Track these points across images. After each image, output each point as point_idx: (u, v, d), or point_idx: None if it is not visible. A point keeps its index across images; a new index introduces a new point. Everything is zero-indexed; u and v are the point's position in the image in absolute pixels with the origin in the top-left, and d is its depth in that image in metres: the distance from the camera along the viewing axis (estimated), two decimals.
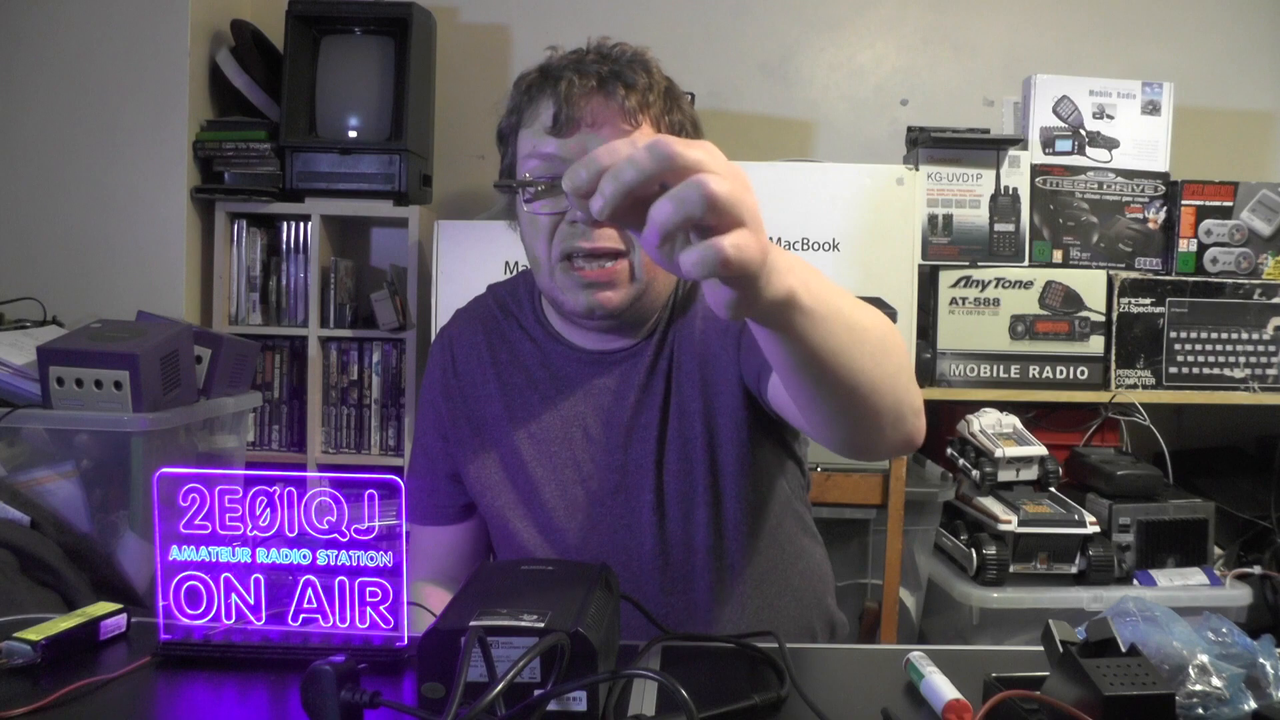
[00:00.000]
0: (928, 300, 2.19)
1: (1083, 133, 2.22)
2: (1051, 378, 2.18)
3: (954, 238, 2.18)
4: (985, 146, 2.18)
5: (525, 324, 1.15)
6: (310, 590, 0.83)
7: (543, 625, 0.70)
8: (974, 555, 1.83)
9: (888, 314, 0.81)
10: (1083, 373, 2.18)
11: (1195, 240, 2.22)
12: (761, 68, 2.61)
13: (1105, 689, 0.66)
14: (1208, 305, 2.18)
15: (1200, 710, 0.71)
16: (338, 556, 0.82)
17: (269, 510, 0.81)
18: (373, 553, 0.82)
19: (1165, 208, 2.24)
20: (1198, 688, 0.72)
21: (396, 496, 0.81)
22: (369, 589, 0.83)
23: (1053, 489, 1.90)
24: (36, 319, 1.98)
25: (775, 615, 1.11)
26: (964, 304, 2.17)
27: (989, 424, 1.93)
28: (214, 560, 0.83)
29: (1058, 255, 2.22)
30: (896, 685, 0.82)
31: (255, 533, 0.82)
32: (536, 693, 0.68)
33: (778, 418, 1.04)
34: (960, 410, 2.02)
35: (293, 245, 2.37)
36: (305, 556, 0.82)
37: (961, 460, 1.94)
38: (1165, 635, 0.75)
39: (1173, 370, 2.19)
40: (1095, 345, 2.18)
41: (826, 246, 2.07)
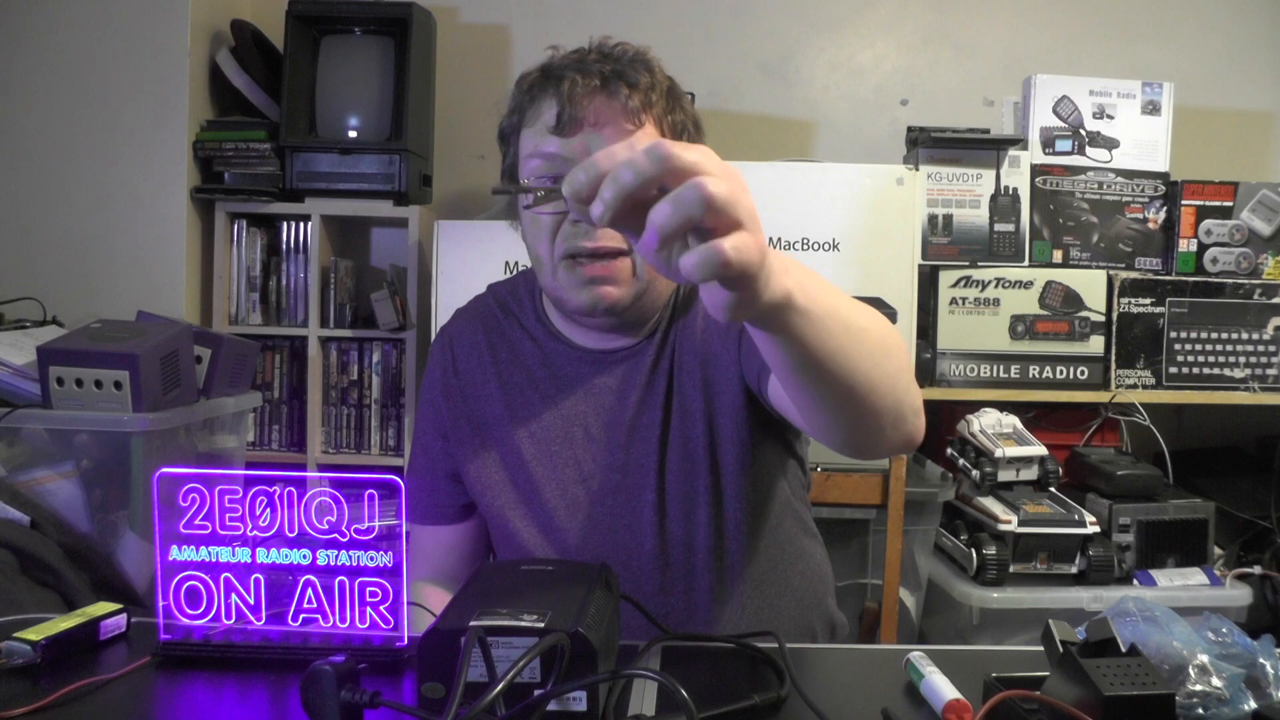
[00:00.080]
0: (928, 300, 2.18)
1: (1083, 133, 2.22)
2: (1051, 378, 2.18)
3: (954, 238, 2.18)
4: (985, 146, 2.18)
5: (526, 323, 1.15)
6: (310, 590, 0.83)
7: (543, 625, 0.70)
8: (974, 555, 1.83)
9: (887, 314, 0.81)
10: (1083, 373, 2.18)
11: (1195, 240, 2.22)
12: (761, 68, 2.61)
13: (1105, 689, 0.66)
14: (1208, 305, 2.18)
15: (1200, 710, 0.71)
16: (338, 556, 0.82)
17: (269, 510, 0.81)
18: (373, 553, 0.82)
19: (1165, 208, 2.24)
20: (1198, 688, 0.72)
21: (396, 496, 0.81)
22: (369, 589, 0.83)
23: (1053, 489, 1.90)
24: (36, 319, 1.98)
25: (775, 615, 1.11)
26: (964, 304, 2.17)
27: (989, 424, 1.93)
28: (214, 560, 0.83)
29: (1058, 255, 2.22)
30: (896, 685, 0.82)
31: (255, 533, 0.82)
32: (536, 693, 0.68)
33: (779, 417, 1.04)
34: (960, 410, 2.02)
35: (293, 245, 2.37)
36: (305, 556, 0.82)
37: (961, 460, 1.94)
38: (1165, 635, 0.75)
39: (1173, 370, 2.19)
40: (1095, 345, 2.18)
41: (826, 246, 2.07)
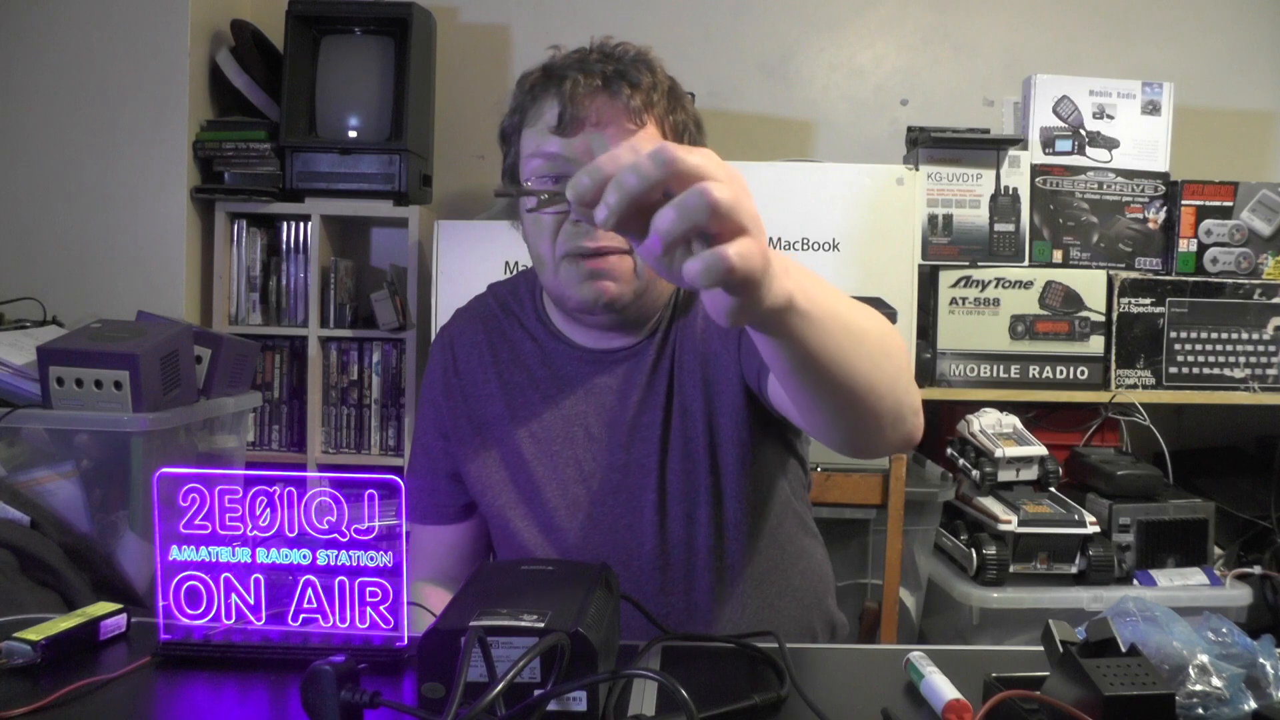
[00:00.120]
0: (928, 300, 2.18)
1: (1083, 133, 2.22)
2: (1051, 378, 2.18)
3: (954, 238, 2.18)
4: (985, 146, 2.18)
5: (526, 323, 1.15)
6: (310, 590, 0.83)
7: (543, 625, 0.70)
8: (974, 555, 1.83)
9: (887, 314, 0.81)
10: (1083, 373, 2.18)
11: (1195, 240, 2.22)
12: (761, 68, 2.61)
13: (1105, 689, 0.66)
14: (1208, 305, 2.18)
15: (1200, 710, 0.71)
16: (338, 556, 0.82)
17: (269, 510, 0.81)
18: (373, 553, 0.82)
19: (1165, 208, 2.24)
20: (1198, 688, 0.72)
21: (396, 496, 0.81)
22: (369, 589, 0.83)
23: (1053, 489, 1.90)
24: (36, 319, 1.98)
25: (776, 615, 1.11)
26: (964, 304, 2.17)
27: (989, 424, 1.93)
28: (214, 560, 0.83)
29: (1058, 255, 2.22)
30: (896, 685, 0.82)
31: (255, 533, 0.82)
32: (536, 693, 0.68)
33: (779, 417, 1.04)
34: (960, 410, 2.02)
35: (293, 245, 2.37)
36: (305, 556, 0.82)
37: (961, 460, 1.94)
38: (1165, 635, 0.75)
39: (1173, 370, 2.19)
40: (1095, 345, 2.18)
41: (826, 246, 2.07)
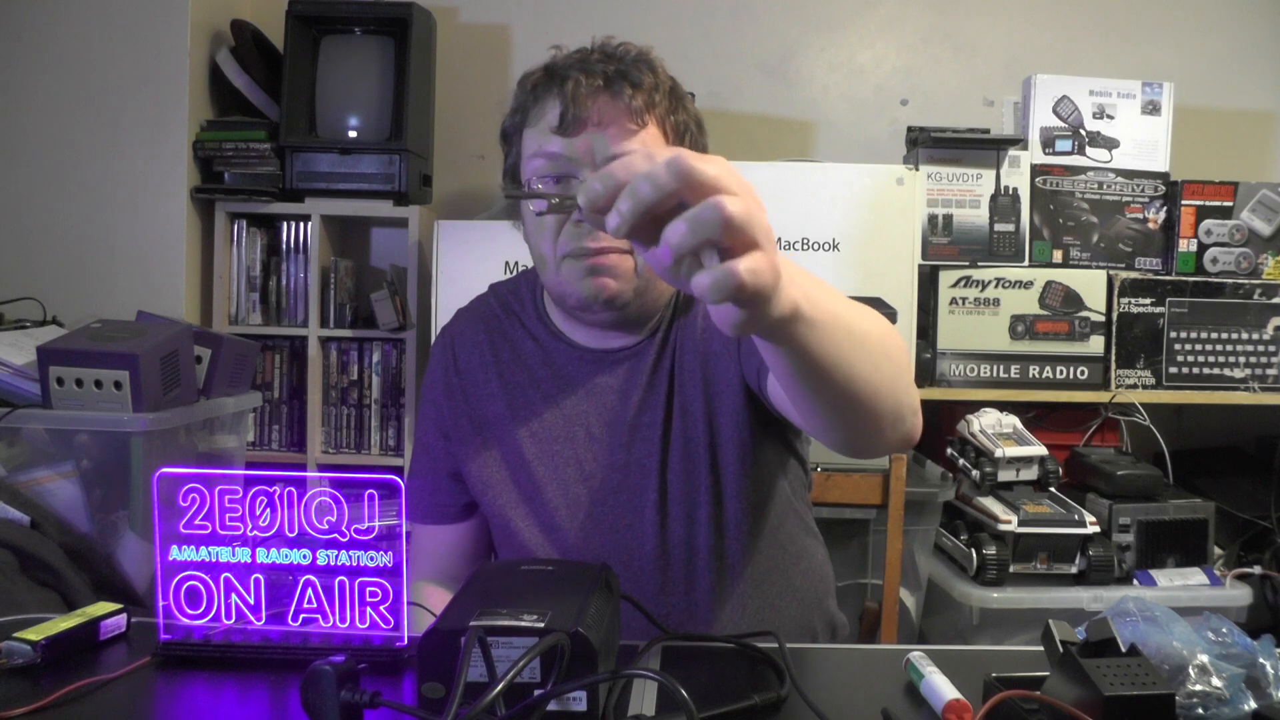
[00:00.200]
0: (928, 300, 2.18)
1: (1083, 133, 2.22)
2: (1051, 378, 2.18)
3: (954, 238, 2.18)
4: (985, 146, 2.18)
5: (527, 322, 1.15)
6: (310, 590, 0.83)
7: (543, 625, 0.70)
8: (974, 555, 1.83)
9: (887, 314, 0.81)
10: (1083, 373, 2.18)
11: (1195, 240, 2.22)
12: (761, 68, 2.61)
13: (1105, 689, 0.66)
14: (1208, 305, 2.18)
15: (1200, 710, 0.71)
16: (338, 556, 0.82)
17: (269, 510, 0.81)
18: (373, 553, 0.82)
19: (1165, 208, 2.24)
20: (1198, 688, 0.72)
21: (396, 496, 0.81)
22: (369, 589, 0.83)
23: (1053, 489, 1.90)
24: (36, 319, 1.98)
25: (776, 615, 1.11)
26: (964, 304, 2.17)
27: (989, 424, 1.93)
28: (214, 560, 0.83)
29: (1058, 255, 2.22)
30: (896, 685, 0.82)
31: (255, 533, 0.82)
32: (536, 693, 0.68)
33: (779, 416, 1.04)
34: (960, 410, 2.02)
35: (293, 245, 2.37)
36: (305, 556, 0.82)
37: (961, 460, 1.94)
38: (1165, 635, 0.75)
39: (1173, 370, 2.19)
40: (1095, 345, 2.18)
41: (826, 246, 2.07)
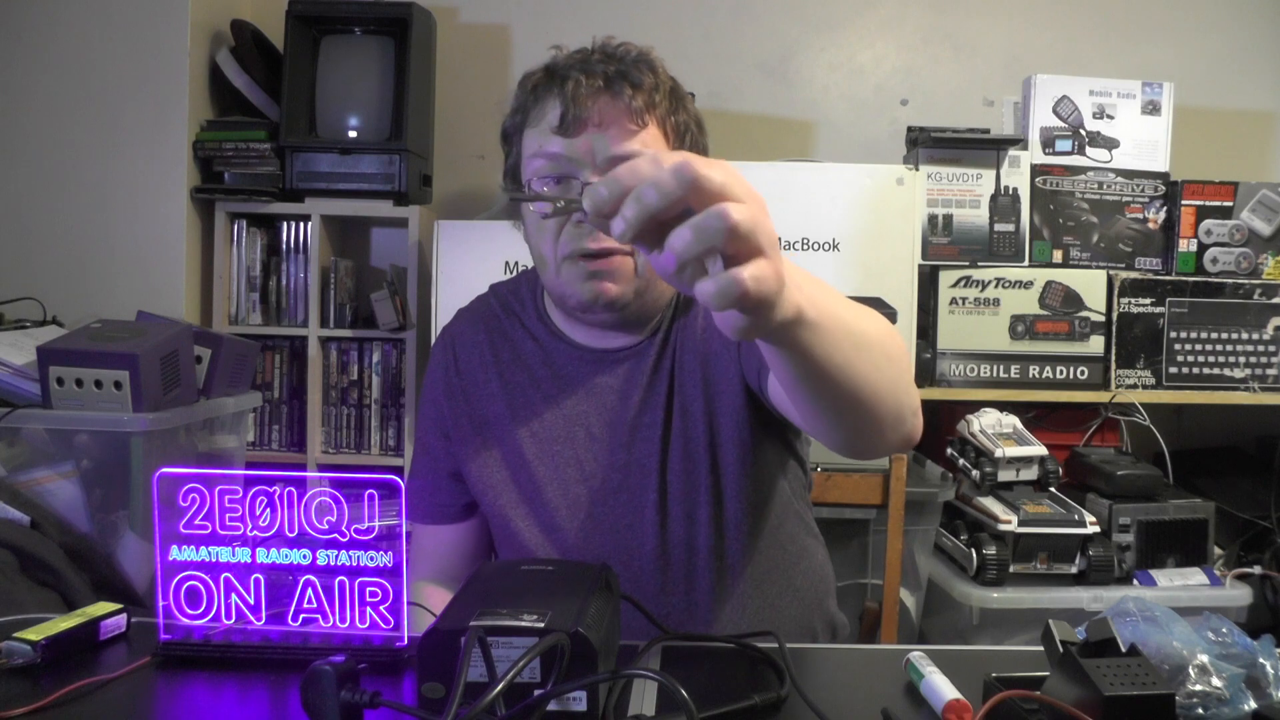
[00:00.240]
0: (928, 300, 2.18)
1: (1083, 133, 2.22)
2: (1051, 378, 2.18)
3: (954, 238, 2.18)
4: (985, 146, 2.18)
5: (528, 323, 1.15)
6: (310, 590, 0.83)
7: (543, 625, 0.70)
8: (974, 555, 1.83)
9: (887, 314, 0.81)
10: (1083, 373, 2.18)
11: (1195, 240, 2.22)
12: (761, 68, 2.61)
13: (1105, 689, 0.66)
14: (1208, 305, 2.18)
15: (1200, 710, 0.71)
16: (338, 556, 0.82)
17: (269, 510, 0.81)
18: (373, 553, 0.82)
19: (1165, 208, 2.24)
20: (1198, 688, 0.72)
21: (396, 496, 0.81)
22: (369, 589, 0.83)
23: (1053, 489, 1.90)
24: (36, 319, 1.98)
25: (776, 615, 1.11)
26: (964, 304, 2.17)
27: (989, 424, 1.93)
28: (214, 560, 0.83)
29: (1058, 255, 2.22)
30: (896, 685, 0.82)
31: (255, 533, 0.82)
32: (536, 693, 0.68)
33: (779, 416, 1.04)
34: (960, 410, 2.02)
35: (293, 245, 2.37)
36: (305, 556, 0.82)
37: (961, 460, 1.94)
38: (1165, 635, 0.75)
39: (1173, 370, 2.19)
40: (1095, 345, 2.18)
41: (826, 246, 2.07)
